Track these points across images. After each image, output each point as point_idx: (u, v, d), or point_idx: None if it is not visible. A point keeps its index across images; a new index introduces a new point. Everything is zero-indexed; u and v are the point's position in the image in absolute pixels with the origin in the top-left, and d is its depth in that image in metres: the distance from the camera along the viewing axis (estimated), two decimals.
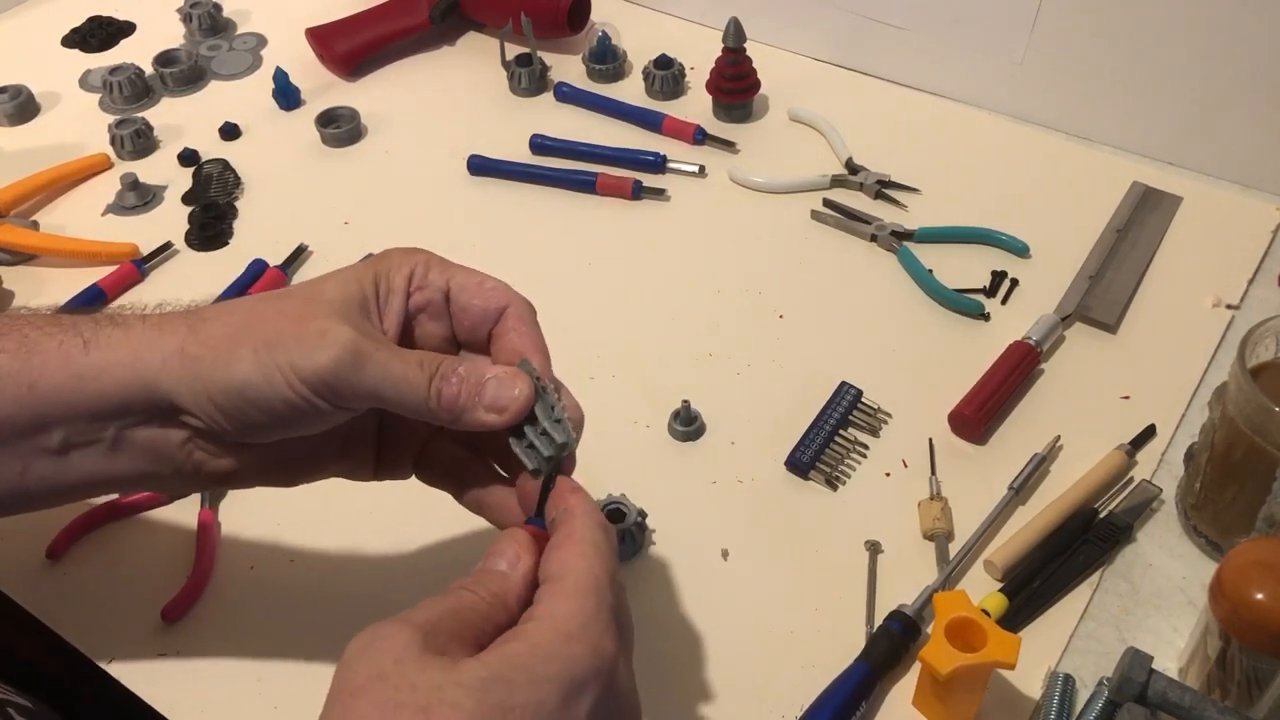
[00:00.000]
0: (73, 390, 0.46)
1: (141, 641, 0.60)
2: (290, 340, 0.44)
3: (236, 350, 0.45)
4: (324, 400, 0.45)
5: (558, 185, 0.89)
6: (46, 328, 0.48)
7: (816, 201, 0.86)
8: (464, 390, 0.45)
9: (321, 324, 0.45)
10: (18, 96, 0.97)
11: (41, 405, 0.46)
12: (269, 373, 0.44)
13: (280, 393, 0.44)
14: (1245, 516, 0.56)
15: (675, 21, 1.05)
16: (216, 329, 0.46)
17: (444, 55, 1.04)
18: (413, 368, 0.45)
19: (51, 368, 0.46)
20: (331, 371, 0.44)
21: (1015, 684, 0.57)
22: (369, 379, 0.45)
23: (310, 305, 0.46)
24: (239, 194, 0.90)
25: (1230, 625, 0.48)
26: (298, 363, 0.44)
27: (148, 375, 0.46)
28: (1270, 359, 0.58)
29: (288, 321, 0.45)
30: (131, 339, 0.47)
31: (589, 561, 0.41)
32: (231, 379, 0.45)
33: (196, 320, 0.47)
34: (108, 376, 0.46)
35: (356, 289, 0.47)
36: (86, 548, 0.65)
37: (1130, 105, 0.86)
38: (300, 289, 0.48)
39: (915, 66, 0.95)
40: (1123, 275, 0.78)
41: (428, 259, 0.50)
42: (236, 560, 0.64)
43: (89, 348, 0.47)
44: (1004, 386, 0.69)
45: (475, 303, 0.49)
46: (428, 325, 0.50)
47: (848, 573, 0.62)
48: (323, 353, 0.44)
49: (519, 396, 0.45)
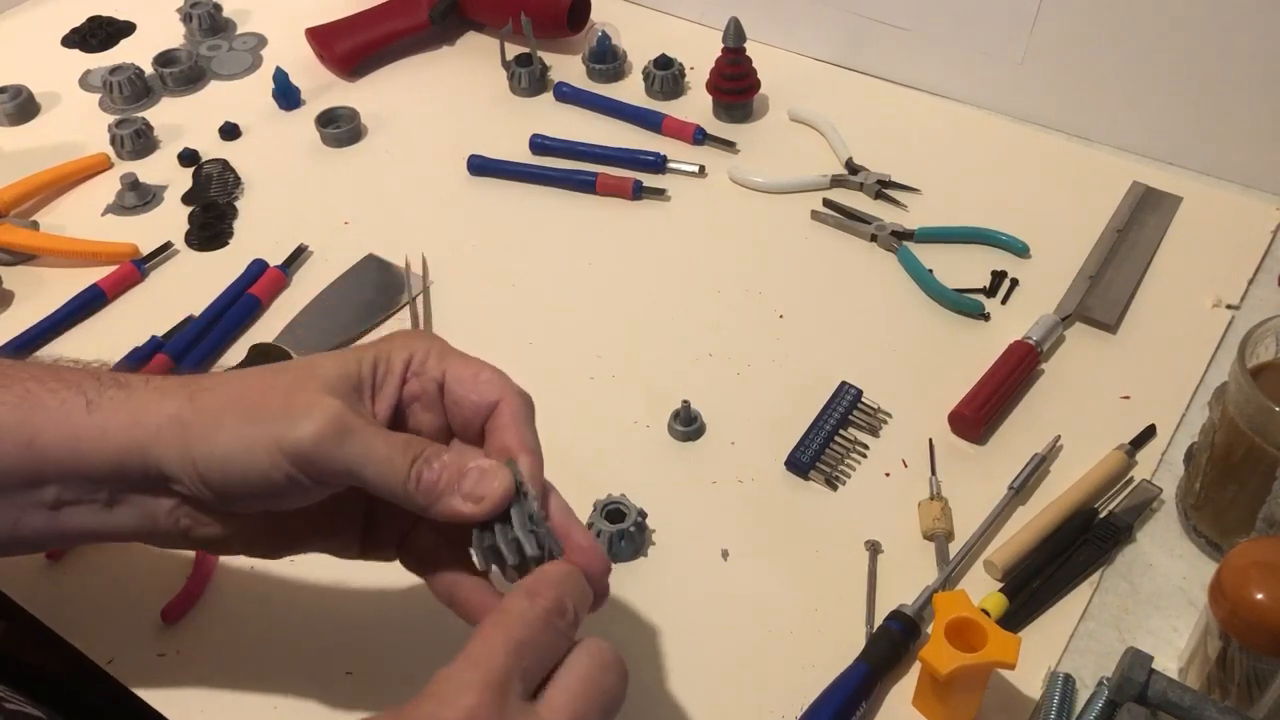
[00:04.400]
0: (71, 450, 0.46)
1: (141, 642, 0.60)
2: (275, 412, 0.44)
3: (222, 420, 0.45)
4: (303, 474, 0.44)
5: (558, 185, 0.89)
6: (50, 383, 0.47)
7: (816, 201, 0.86)
8: (444, 477, 0.45)
9: (310, 398, 0.44)
10: (18, 96, 0.97)
11: (39, 462, 0.46)
12: (250, 444, 0.44)
13: (259, 465, 0.44)
14: (1245, 516, 0.56)
15: (675, 21, 1.05)
16: (211, 398, 0.46)
17: (444, 55, 1.04)
18: (396, 449, 0.45)
19: (52, 426, 0.46)
20: (312, 444, 0.43)
21: (1015, 684, 0.57)
22: (350, 456, 0.44)
23: (303, 380, 0.46)
24: (239, 194, 0.90)
25: (1230, 625, 0.48)
26: (279, 434, 0.44)
27: (143, 441, 0.46)
28: (1270, 359, 0.58)
29: (277, 394, 0.45)
30: (133, 402, 0.46)
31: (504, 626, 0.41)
32: (214, 449, 0.45)
33: (196, 388, 0.47)
34: (107, 440, 0.46)
35: (354, 368, 0.47)
36: (86, 548, 0.65)
37: (1130, 105, 0.86)
38: (299, 363, 0.48)
39: (915, 66, 0.95)
40: (1123, 275, 0.78)
41: (429, 347, 0.49)
42: (236, 560, 0.64)
43: (91, 409, 0.46)
44: (1004, 386, 0.69)
45: (469, 396, 0.48)
46: (421, 415, 0.49)
47: (848, 573, 0.62)
48: (305, 425, 0.43)
49: (497, 489, 0.45)
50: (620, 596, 0.62)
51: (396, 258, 0.82)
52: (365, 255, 0.83)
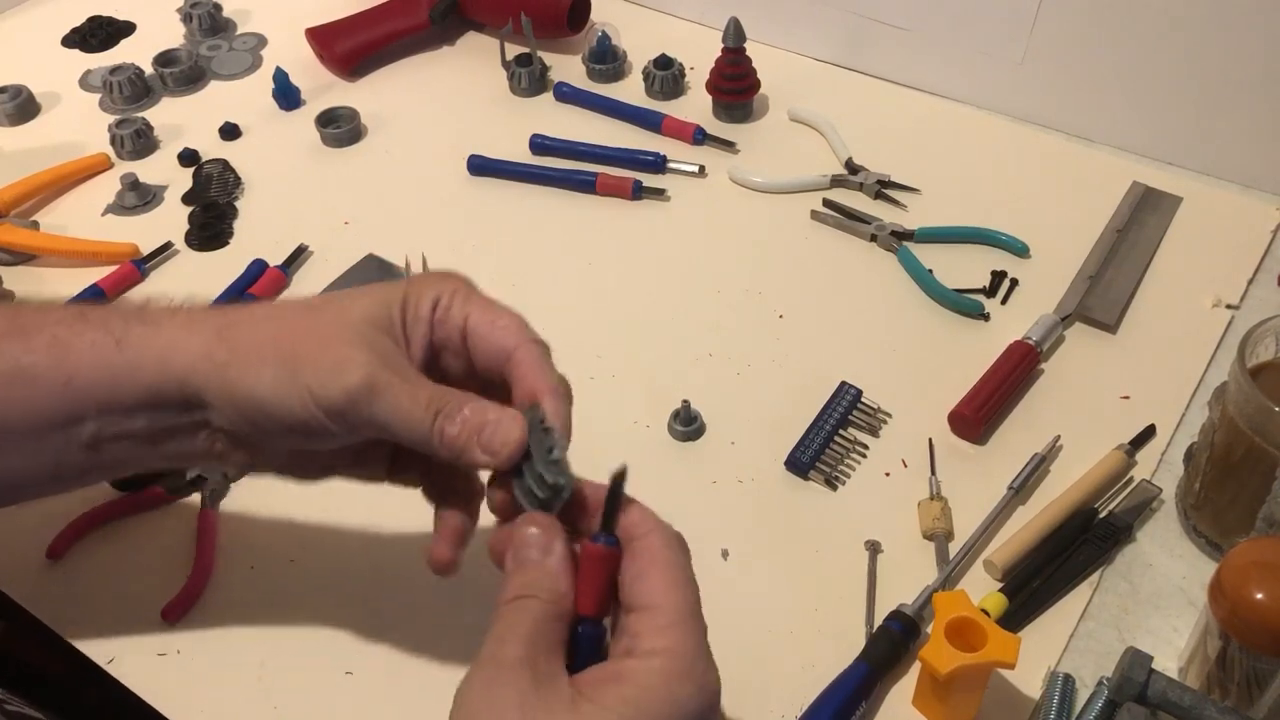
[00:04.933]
0: (108, 387, 0.48)
1: (141, 641, 0.60)
2: (310, 363, 0.46)
3: (260, 364, 0.46)
4: (336, 425, 0.46)
5: (558, 185, 0.89)
6: (76, 326, 0.49)
7: (816, 201, 0.86)
8: (464, 431, 0.46)
9: (344, 351, 0.46)
10: (18, 96, 0.97)
11: (77, 402, 0.48)
12: (287, 392, 0.46)
13: (296, 413, 0.46)
14: (1245, 516, 0.56)
15: (675, 21, 1.05)
16: (244, 337, 0.47)
17: (444, 55, 1.04)
18: (419, 406, 0.46)
19: (86, 366, 0.48)
20: (345, 401, 0.45)
21: (1015, 684, 0.57)
22: (379, 412, 0.46)
23: (337, 327, 0.47)
24: (239, 194, 0.90)
25: (1230, 625, 0.48)
26: (314, 388, 0.45)
27: (178, 373, 0.47)
28: (1270, 359, 0.58)
29: (312, 342, 0.46)
30: (162, 337, 0.48)
31: (681, 591, 0.41)
32: (254, 391, 0.46)
33: (225, 325, 0.48)
34: (141, 373, 0.48)
35: (384, 312, 0.48)
36: (86, 548, 0.65)
37: (1130, 105, 0.86)
38: (331, 305, 0.49)
39: (915, 66, 0.95)
40: (1123, 275, 0.78)
41: (454, 289, 0.50)
42: (236, 560, 0.64)
43: (121, 346, 0.48)
44: (1004, 386, 0.69)
45: (486, 343, 0.49)
46: (450, 360, 0.50)
47: (848, 573, 0.62)
48: (339, 383, 0.45)
49: (509, 441, 0.45)
50: None
51: (396, 258, 0.82)
52: (365, 255, 0.83)
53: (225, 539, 0.65)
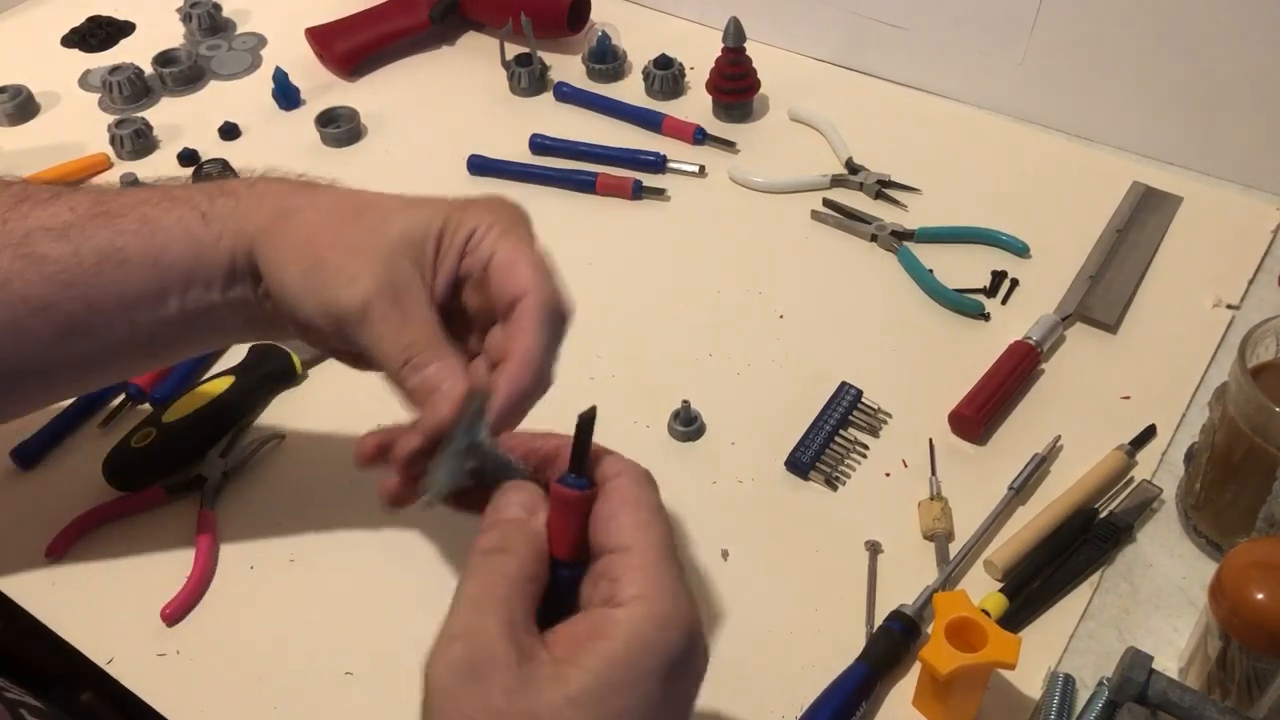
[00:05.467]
0: (193, 260, 0.50)
1: (141, 641, 0.60)
2: (330, 270, 0.47)
3: (295, 259, 0.48)
4: (333, 331, 0.48)
5: (558, 185, 0.89)
6: (163, 204, 0.51)
7: (816, 201, 0.86)
8: (419, 389, 0.46)
9: (359, 269, 0.47)
10: (18, 96, 0.97)
11: (166, 278, 0.50)
12: (307, 292, 0.48)
13: (308, 311, 0.48)
14: (1245, 516, 0.56)
15: (675, 21, 1.05)
16: (291, 230, 0.49)
17: (444, 55, 1.04)
18: (397, 346, 0.47)
19: (174, 243, 0.50)
20: (338, 318, 0.47)
21: (1015, 684, 0.57)
22: (363, 336, 0.47)
23: (369, 239, 0.48)
24: None
25: (1230, 625, 0.48)
26: (323, 294, 0.47)
27: (248, 246, 0.50)
28: (1270, 359, 0.58)
29: (340, 251, 0.48)
30: (241, 208, 0.50)
31: (652, 530, 0.40)
32: (285, 285, 0.48)
33: (290, 210, 0.50)
34: (223, 245, 0.50)
35: (420, 233, 0.49)
36: (86, 548, 0.65)
37: (1130, 105, 0.86)
38: (376, 212, 0.50)
39: (915, 66, 0.95)
40: (1123, 275, 0.78)
41: (492, 223, 0.50)
42: (236, 560, 0.64)
43: (208, 219, 0.50)
44: (1004, 386, 0.69)
45: (500, 286, 0.48)
46: (470, 294, 0.50)
47: (848, 573, 0.62)
48: (341, 295, 0.47)
49: (435, 420, 0.45)
50: None
51: None
52: None
53: (225, 539, 0.65)
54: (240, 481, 0.68)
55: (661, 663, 0.37)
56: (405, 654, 0.59)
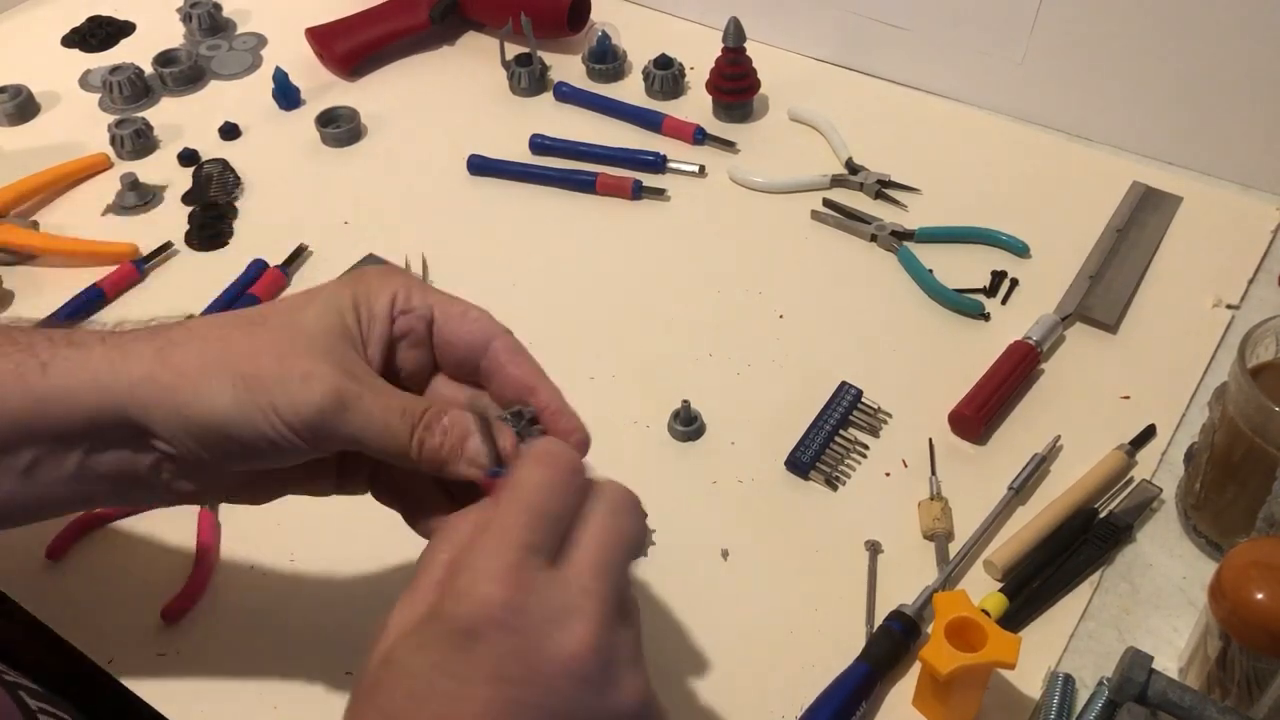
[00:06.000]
0: (35, 414, 0.45)
1: (141, 641, 0.60)
2: (272, 380, 0.44)
3: (213, 383, 0.44)
4: (305, 443, 0.44)
5: (558, 185, 0.89)
6: (3, 347, 0.46)
7: (816, 201, 0.86)
8: (447, 444, 0.45)
9: (305, 365, 0.44)
10: (18, 96, 0.97)
11: (4, 429, 0.45)
12: (249, 411, 0.44)
13: (261, 431, 0.44)
14: (1245, 516, 0.56)
15: (675, 21, 1.05)
16: (189, 357, 0.45)
17: (444, 55, 1.04)
18: (395, 416, 0.45)
19: (10, 391, 0.45)
20: (315, 419, 0.43)
21: (1015, 684, 0.57)
22: (351, 427, 0.44)
23: (290, 339, 0.45)
24: (239, 194, 0.90)
25: (1230, 625, 0.48)
26: (280, 406, 0.43)
27: (116, 400, 0.45)
28: (1270, 359, 0.58)
29: (268, 358, 0.44)
30: (92, 362, 0.45)
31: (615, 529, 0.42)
32: (212, 413, 0.44)
33: (164, 344, 0.46)
34: (72, 400, 0.45)
35: (337, 319, 0.46)
36: (86, 548, 0.65)
37: (1130, 105, 0.86)
38: (276, 315, 0.46)
39: (915, 66, 0.95)
40: (1123, 275, 0.78)
41: (408, 282, 0.48)
42: (236, 560, 0.64)
43: (47, 370, 0.45)
44: (1004, 386, 0.69)
45: (460, 335, 0.48)
46: (408, 353, 0.49)
47: (848, 573, 0.62)
48: (306, 399, 0.43)
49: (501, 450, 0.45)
50: None
51: (396, 258, 0.82)
52: (365, 255, 0.83)
53: (225, 539, 0.65)
54: None
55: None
56: None
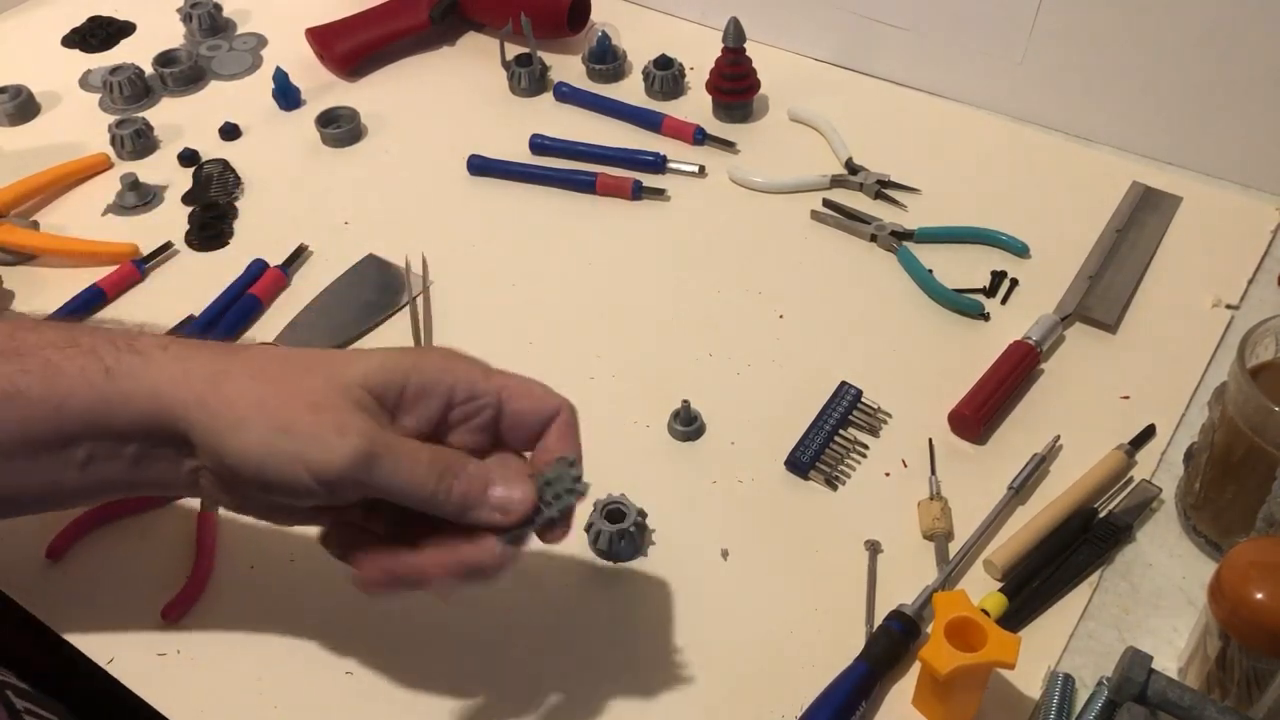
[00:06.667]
0: (100, 413, 0.48)
1: (141, 641, 0.60)
2: (304, 432, 0.46)
3: (253, 426, 0.46)
4: (331, 492, 0.47)
5: (558, 185, 0.89)
6: (67, 350, 0.49)
7: (816, 201, 0.86)
8: (472, 488, 0.48)
9: (338, 419, 0.46)
10: (18, 96, 0.97)
11: (69, 425, 0.48)
12: (280, 460, 0.46)
13: (288, 478, 0.46)
14: (1245, 516, 0.56)
15: (675, 21, 1.05)
16: (238, 393, 0.47)
17: (444, 55, 1.04)
18: (422, 466, 0.47)
19: (78, 391, 0.48)
20: (343, 471, 0.45)
21: (1015, 684, 0.57)
22: (380, 478, 0.46)
23: (331, 391, 0.47)
24: (239, 194, 0.90)
25: (1230, 625, 0.48)
26: (309, 457, 0.45)
27: (170, 412, 0.48)
28: (1270, 359, 0.58)
29: (305, 409, 0.46)
30: (151, 372, 0.48)
31: None
32: (245, 452, 0.46)
33: (221, 374, 0.48)
34: (133, 405, 0.48)
35: (383, 380, 0.48)
36: (86, 548, 0.65)
37: (1130, 105, 0.86)
38: (326, 365, 0.48)
39: (915, 66, 0.95)
40: (1123, 275, 0.78)
41: (471, 368, 0.50)
42: (236, 560, 0.64)
43: (110, 375, 0.48)
44: (1004, 386, 0.69)
45: (529, 413, 0.50)
46: (467, 437, 0.51)
47: (848, 573, 0.62)
48: (335, 453, 0.45)
49: (524, 500, 0.48)
50: (620, 596, 0.62)
51: (396, 258, 0.82)
52: (365, 255, 0.83)
53: (225, 539, 0.65)
54: None
55: None
56: (405, 654, 0.59)
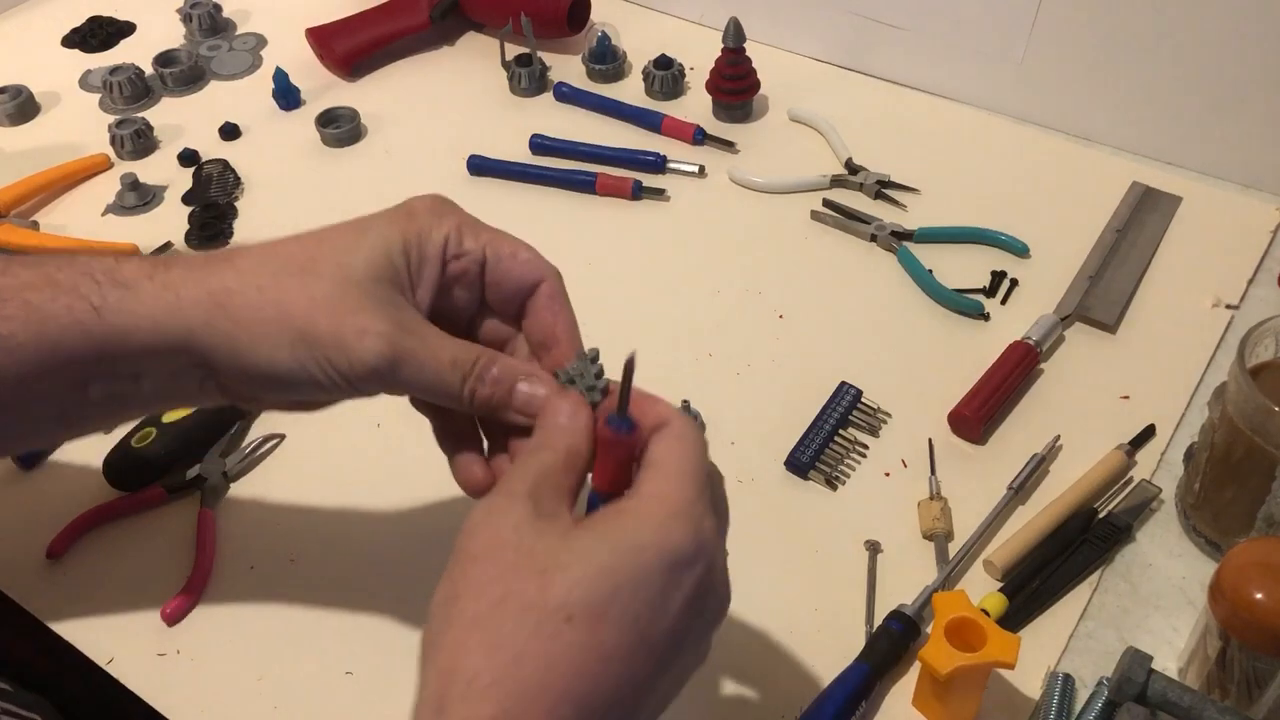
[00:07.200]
0: (100, 352, 0.47)
1: (141, 641, 0.60)
2: (328, 338, 0.45)
3: (273, 337, 0.45)
4: (359, 392, 0.47)
5: (558, 185, 0.89)
6: (45, 290, 0.47)
7: (816, 201, 0.86)
8: (496, 393, 0.47)
9: (359, 321, 0.45)
10: (18, 96, 0.97)
11: (69, 369, 0.47)
12: (308, 366, 0.45)
13: (317, 381, 0.46)
14: (1245, 516, 0.56)
15: (675, 21, 1.05)
16: (247, 308, 0.46)
17: (444, 55, 1.04)
18: (446, 368, 0.46)
19: (69, 333, 0.46)
20: (371, 373, 0.45)
21: (1015, 684, 0.57)
22: (406, 378, 0.46)
23: (344, 292, 0.46)
24: (239, 194, 0.90)
25: (1230, 625, 0.48)
26: (336, 361, 0.45)
27: (178, 339, 0.46)
28: (1270, 359, 0.58)
29: (322, 313, 0.45)
30: (144, 303, 0.47)
31: (686, 445, 0.42)
32: (272, 365, 0.46)
33: (219, 289, 0.47)
34: (134, 340, 0.46)
35: (386, 264, 0.47)
36: (86, 548, 0.65)
37: (1130, 105, 0.86)
38: (329, 260, 0.47)
39: (915, 66, 0.95)
40: (1123, 275, 0.78)
41: (459, 223, 0.50)
42: (236, 560, 0.64)
43: (101, 314, 0.46)
44: (1004, 386, 0.69)
45: (511, 275, 0.49)
46: (459, 294, 0.50)
47: (848, 573, 0.62)
48: (362, 357, 0.45)
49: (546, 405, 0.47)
50: None
51: None
52: None
53: (225, 539, 0.65)
54: (240, 481, 0.68)
55: (663, 543, 0.38)
56: (405, 654, 0.59)
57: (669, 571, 0.38)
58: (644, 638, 0.38)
